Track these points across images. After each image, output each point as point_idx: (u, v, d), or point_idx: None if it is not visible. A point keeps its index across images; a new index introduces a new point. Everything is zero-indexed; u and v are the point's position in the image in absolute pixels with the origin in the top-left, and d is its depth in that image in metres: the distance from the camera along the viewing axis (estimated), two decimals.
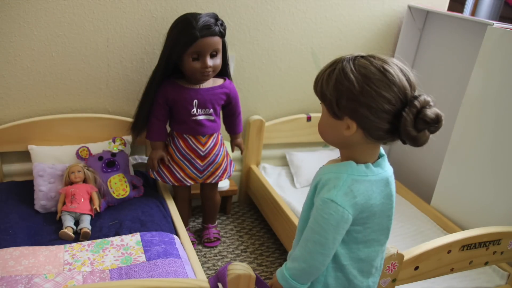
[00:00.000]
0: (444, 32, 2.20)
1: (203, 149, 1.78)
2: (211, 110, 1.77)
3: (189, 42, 1.59)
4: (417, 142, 0.94)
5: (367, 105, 0.93)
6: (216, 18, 1.66)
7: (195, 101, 1.73)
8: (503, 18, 3.13)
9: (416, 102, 0.92)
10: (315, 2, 2.11)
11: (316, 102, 1.06)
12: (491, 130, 1.76)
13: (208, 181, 1.85)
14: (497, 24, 1.72)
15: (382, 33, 2.32)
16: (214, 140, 1.81)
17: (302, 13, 2.11)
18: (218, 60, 1.69)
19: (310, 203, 1.07)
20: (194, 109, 1.73)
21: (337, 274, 1.10)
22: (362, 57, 0.98)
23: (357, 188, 0.99)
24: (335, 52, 2.26)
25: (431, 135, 0.96)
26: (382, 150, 1.08)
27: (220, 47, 1.68)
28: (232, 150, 2.00)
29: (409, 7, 2.25)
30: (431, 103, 0.94)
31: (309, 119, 2.27)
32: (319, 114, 1.06)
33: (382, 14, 2.28)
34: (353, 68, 0.95)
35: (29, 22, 1.70)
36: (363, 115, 0.94)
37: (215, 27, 1.62)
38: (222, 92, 1.78)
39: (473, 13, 3.14)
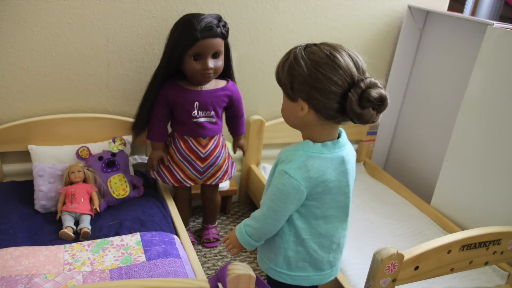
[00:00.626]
0: (444, 32, 2.20)
1: (203, 151, 1.77)
2: (212, 113, 1.75)
3: (190, 43, 1.58)
4: (362, 119, 1.03)
5: (316, 87, 1.04)
6: (219, 19, 1.64)
7: (196, 103, 1.71)
8: (503, 18, 3.13)
9: (361, 84, 1.02)
10: (315, 2, 2.11)
11: None
12: (491, 130, 1.76)
13: (208, 182, 1.84)
14: (497, 24, 1.72)
15: (382, 33, 2.32)
16: (215, 142, 1.80)
17: (302, 13, 2.11)
18: (219, 62, 1.67)
19: (271, 179, 1.18)
20: (195, 111, 1.72)
21: (298, 248, 1.19)
22: (314, 45, 1.09)
23: (311, 163, 1.09)
24: None
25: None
26: (343, 131, 1.18)
27: (222, 48, 1.66)
28: (234, 152, 1.99)
29: (409, 7, 2.25)
30: (379, 85, 1.03)
31: None
32: None
33: (382, 14, 2.28)
34: (303, 55, 1.06)
35: (29, 22, 1.70)
36: (313, 96, 1.05)
37: (217, 28, 1.60)
38: (224, 95, 1.77)
39: (473, 13, 3.14)
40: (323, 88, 1.03)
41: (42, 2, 1.69)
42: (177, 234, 1.66)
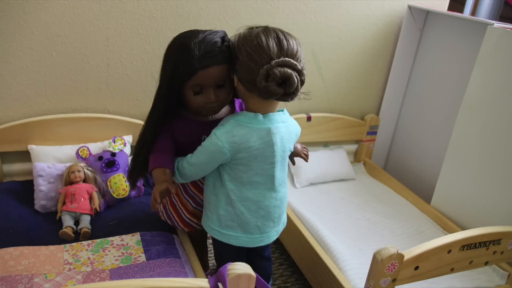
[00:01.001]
0: (444, 32, 2.20)
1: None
2: None
3: (188, 75, 1.26)
4: (268, 93, 1.16)
5: (240, 61, 1.21)
6: (223, 37, 1.30)
7: (204, 136, 1.38)
8: (503, 18, 3.12)
9: (273, 62, 1.14)
10: (315, 2, 2.11)
11: (316, 102, 1.11)
12: (491, 130, 1.76)
13: None
14: (497, 24, 1.72)
15: (382, 33, 2.32)
16: None
17: (302, 13, 2.11)
18: (225, 92, 1.33)
19: None
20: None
21: (227, 208, 1.34)
22: (253, 27, 1.24)
23: (237, 130, 1.24)
24: (335, 52, 2.26)
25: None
26: (285, 110, 1.33)
27: (226, 75, 1.31)
28: None
29: (409, 7, 2.25)
30: (289, 66, 1.15)
31: (309, 119, 2.27)
32: (319, 114, 1.13)
33: (382, 14, 2.28)
34: (241, 34, 1.24)
35: (29, 22, 1.70)
36: (238, 69, 1.22)
37: (219, 53, 1.26)
38: None
39: (473, 13, 3.14)
40: (244, 62, 1.19)
41: (42, 2, 1.69)
42: (177, 234, 1.66)
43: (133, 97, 1.96)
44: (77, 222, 1.60)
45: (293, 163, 1.59)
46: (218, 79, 1.29)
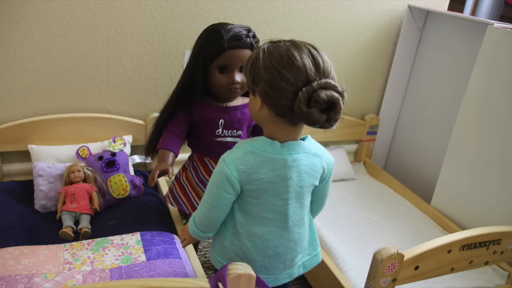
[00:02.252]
0: (444, 32, 2.20)
1: None
2: (240, 132, 1.55)
3: (216, 53, 1.40)
4: (309, 119, 0.99)
5: (269, 82, 1.02)
6: (248, 29, 1.47)
7: (222, 120, 1.51)
8: (503, 18, 3.13)
9: (314, 84, 0.98)
10: (315, 2, 2.11)
11: None
12: (491, 130, 1.76)
13: None
14: (497, 24, 1.72)
15: (382, 32, 2.32)
16: None
17: (302, 13, 2.11)
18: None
19: None
20: (220, 130, 1.52)
21: (233, 240, 1.19)
22: (279, 41, 1.08)
23: (248, 158, 1.08)
24: (335, 51, 2.26)
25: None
26: (308, 137, 1.17)
27: None
28: None
29: (409, 7, 2.25)
30: (333, 88, 1.00)
31: None
32: None
33: (382, 14, 2.28)
34: (265, 49, 1.06)
35: (29, 22, 1.70)
36: (265, 91, 1.03)
37: (246, 38, 1.43)
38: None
39: (473, 13, 3.14)
40: (275, 83, 1.01)
41: (42, 2, 1.69)
42: (177, 234, 1.65)
43: (133, 97, 1.96)
44: (77, 222, 1.60)
45: None
46: (242, 61, 1.41)
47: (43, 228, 1.57)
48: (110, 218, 1.66)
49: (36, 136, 1.82)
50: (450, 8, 2.49)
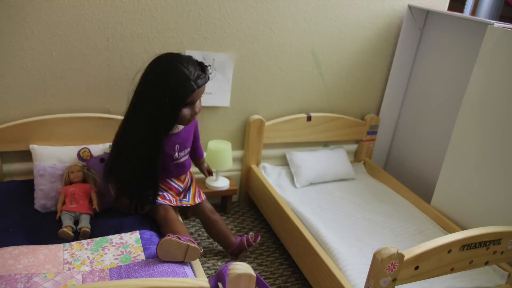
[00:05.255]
0: (444, 32, 2.20)
1: (182, 186, 1.79)
2: (189, 149, 1.76)
3: (187, 95, 1.51)
4: None
5: None
6: (201, 65, 1.58)
7: (177, 146, 1.68)
8: (503, 18, 3.13)
9: None
10: (315, 2, 2.11)
11: (316, 102, 1.07)
12: (491, 130, 1.76)
13: (189, 204, 1.80)
14: (497, 24, 1.72)
15: (382, 32, 2.32)
16: (189, 174, 1.85)
17: (302, 13, 2.11)
18: (199, 104, 1.64)
19: None
20: (176, 154, 1.69)
21: None
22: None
23: None
24: (335, 51, 2.26)
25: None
26: None
27: None
28: (206, 176, 2.04)
29: (410, 7, 2.25)
30: None
31: (309, 118, 2.27)
32: (319, 114, 1.08)
33: (383, 14, 2.28)
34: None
35: (29, 22, 1.70)
36: None
37: (206, 75, 1.56)
38: (193, 125, 1.79)
39: (473, 12, 3.14)
40: None
41: (42, 2, 1.69)
42: None
43: None
44: (76, 222, 1.60)
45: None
46: (203, 93, 1.59)
47: (43, 228, 1.57)
48: (109, 218, 1.66)
49: (36, 136, 1.82)
50: (450, 8, 2.49)
